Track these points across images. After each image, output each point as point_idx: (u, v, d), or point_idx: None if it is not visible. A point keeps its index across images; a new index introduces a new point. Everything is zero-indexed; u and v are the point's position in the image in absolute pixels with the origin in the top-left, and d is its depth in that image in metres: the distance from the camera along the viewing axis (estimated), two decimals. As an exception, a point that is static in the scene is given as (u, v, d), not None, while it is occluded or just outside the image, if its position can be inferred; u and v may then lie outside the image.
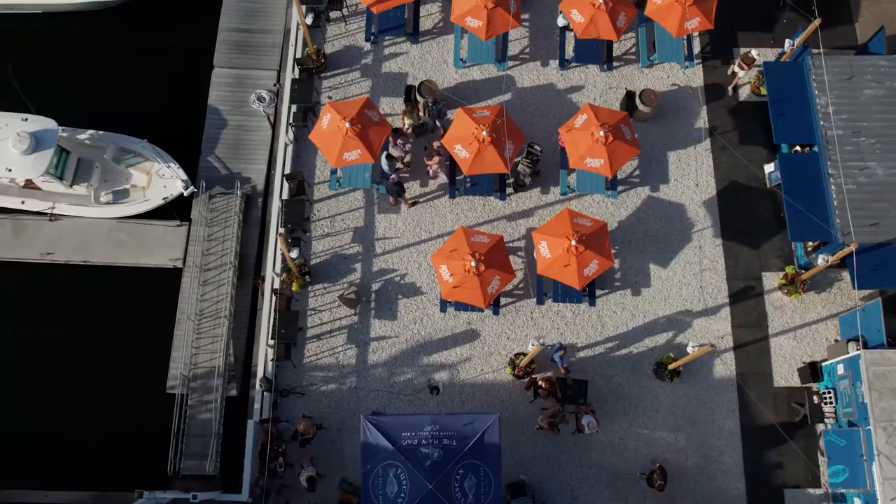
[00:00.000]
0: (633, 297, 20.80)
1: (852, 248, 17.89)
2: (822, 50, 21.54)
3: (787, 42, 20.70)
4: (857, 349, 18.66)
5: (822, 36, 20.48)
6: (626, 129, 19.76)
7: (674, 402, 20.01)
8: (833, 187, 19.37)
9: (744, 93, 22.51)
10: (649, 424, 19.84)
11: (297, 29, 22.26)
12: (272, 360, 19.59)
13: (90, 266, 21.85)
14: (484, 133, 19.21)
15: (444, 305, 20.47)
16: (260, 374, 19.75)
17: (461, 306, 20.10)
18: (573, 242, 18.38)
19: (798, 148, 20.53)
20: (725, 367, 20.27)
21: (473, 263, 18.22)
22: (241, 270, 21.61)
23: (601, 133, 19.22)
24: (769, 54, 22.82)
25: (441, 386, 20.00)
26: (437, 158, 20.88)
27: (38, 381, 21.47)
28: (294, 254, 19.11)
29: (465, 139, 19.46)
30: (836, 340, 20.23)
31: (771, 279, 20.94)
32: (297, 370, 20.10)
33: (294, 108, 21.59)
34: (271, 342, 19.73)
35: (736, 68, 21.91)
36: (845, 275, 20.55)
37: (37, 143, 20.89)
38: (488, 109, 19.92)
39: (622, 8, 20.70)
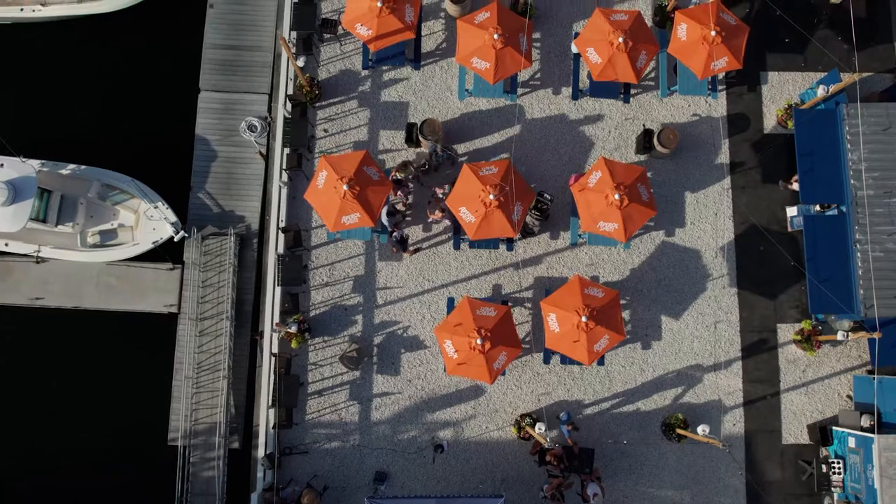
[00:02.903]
0: (643, 350, 20.19)
1: (876, 336, 17.09)
2: (859, 76, 19.95)
3: (821, 89, 18.98)
4: (871, 423, 18.27)
5: (858, 57, 18.87)
6: (642, 188, 18.50)
7: (680, 459, 19.82)
8: (859, 255, 18.34)
9: (770, 124, 20.99)
10: (654, 483, 19.73)
11: (288, 63, 20.40)
12: (273, 427, 19.22)
13: (82, 310, 21.15)
14: (491, 197, 18.00)
15: (448, 363, 19.92)
16: (262, 439, 19.43)
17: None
18: (583, 318, 17.60)
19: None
20: (734, 423, 19.93)
21: (479, 341, 17.52)
22: (238, 319, 20.90)
23: (616, 196, 18.01)
24: (799, 79, 21.15)
25: (445, 444, 19.75)
26: (439, 213, 19.71)
27: (32, 432, 21.17)
28: (294, 328, 18.40)
29: (470, 203, 18.25)
30: (850, 397, 19.81)
31: (786, 332, 20.25)
32: (300, 427, 19.77)
33: (287, 150, 20.13)
34: (271, 406, 19.30)
35: None
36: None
37: (15, 192, 19.64)
38: (496, 166, 18.58)
39: (643, 46, 18.88)
